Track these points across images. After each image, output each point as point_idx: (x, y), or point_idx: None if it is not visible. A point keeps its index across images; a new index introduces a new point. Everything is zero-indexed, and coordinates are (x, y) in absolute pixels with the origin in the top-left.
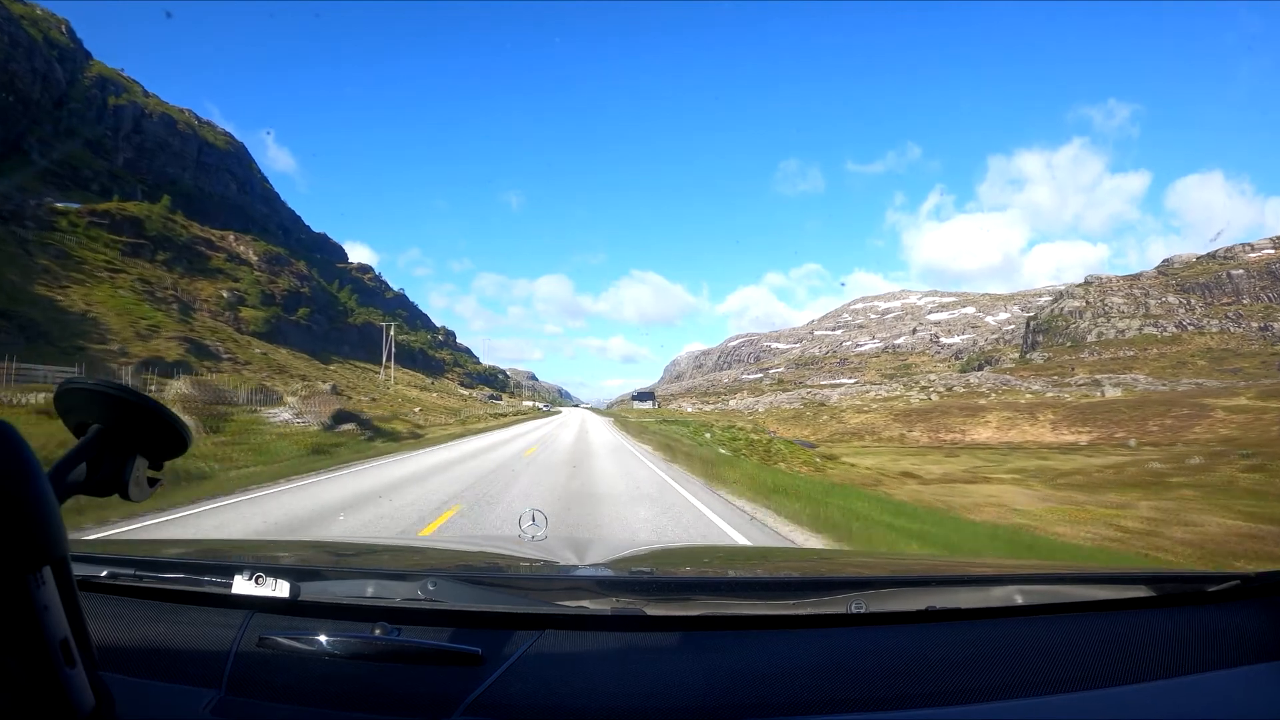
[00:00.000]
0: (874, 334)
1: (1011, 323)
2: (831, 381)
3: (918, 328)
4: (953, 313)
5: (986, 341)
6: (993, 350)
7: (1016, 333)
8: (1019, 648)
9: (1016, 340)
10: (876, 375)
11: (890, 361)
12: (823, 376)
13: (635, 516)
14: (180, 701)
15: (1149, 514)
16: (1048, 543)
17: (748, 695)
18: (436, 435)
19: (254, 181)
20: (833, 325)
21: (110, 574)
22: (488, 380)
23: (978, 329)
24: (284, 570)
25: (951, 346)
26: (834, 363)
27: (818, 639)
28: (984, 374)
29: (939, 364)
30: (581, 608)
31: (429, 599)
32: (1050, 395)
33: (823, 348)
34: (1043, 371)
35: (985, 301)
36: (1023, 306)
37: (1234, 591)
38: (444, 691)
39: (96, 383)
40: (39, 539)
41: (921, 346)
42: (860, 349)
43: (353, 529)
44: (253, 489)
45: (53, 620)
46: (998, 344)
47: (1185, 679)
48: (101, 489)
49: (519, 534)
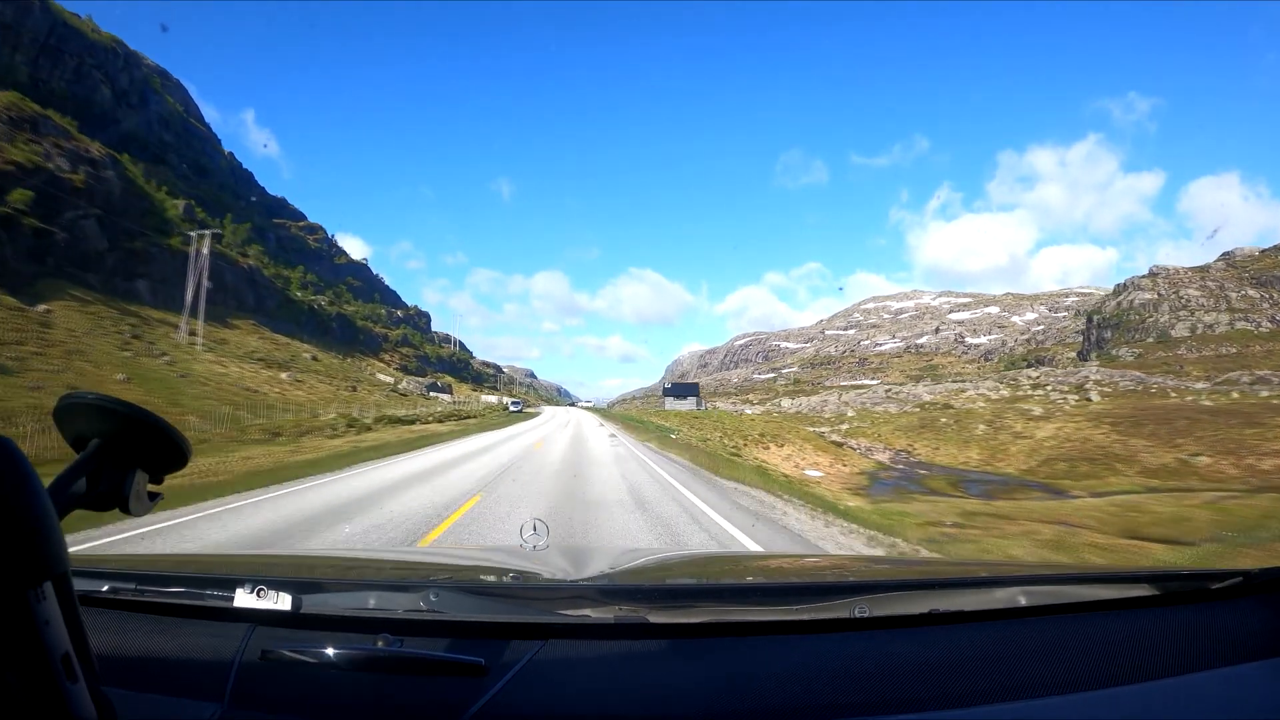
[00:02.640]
0: (893, 334)
1: (1040, 323)
2: (854, 382)
3: (940, 327)
4: (975, 312)
5: (1016, 342)
6: (1035, 350)
7: (1049, 333)
8: (1023, 649)
9: (1051, 340)
10: (901, 376)
11: (914, 362)
12: (842, 376)
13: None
14: (183, 715)
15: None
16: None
17: (752, 702)
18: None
19: (151, 98)
20: (844, 325)
21: (111, 588)
22: (453, 368)
23: (1005, 329)
24: (286, 583)
25: (978, 347)
26: (853, 362)
27: (821, 644)
28: (1091, 370)
29: (967, 365)
30: (584, 617)
31: (431, 610)
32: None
33: (838, 347)
34: (1148, 369)
35: (1009, 301)
36: (1050, 306)
37: (1237, 589)
38: (447, 702)
39: (96, 397)
40: (40, 554)
41: (946, 347)
42: (880, 348)
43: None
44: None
45: (54, 635)
46: (1029, 344)
47: (1191, 677)
48: (102, 503)
49: (520, 544)
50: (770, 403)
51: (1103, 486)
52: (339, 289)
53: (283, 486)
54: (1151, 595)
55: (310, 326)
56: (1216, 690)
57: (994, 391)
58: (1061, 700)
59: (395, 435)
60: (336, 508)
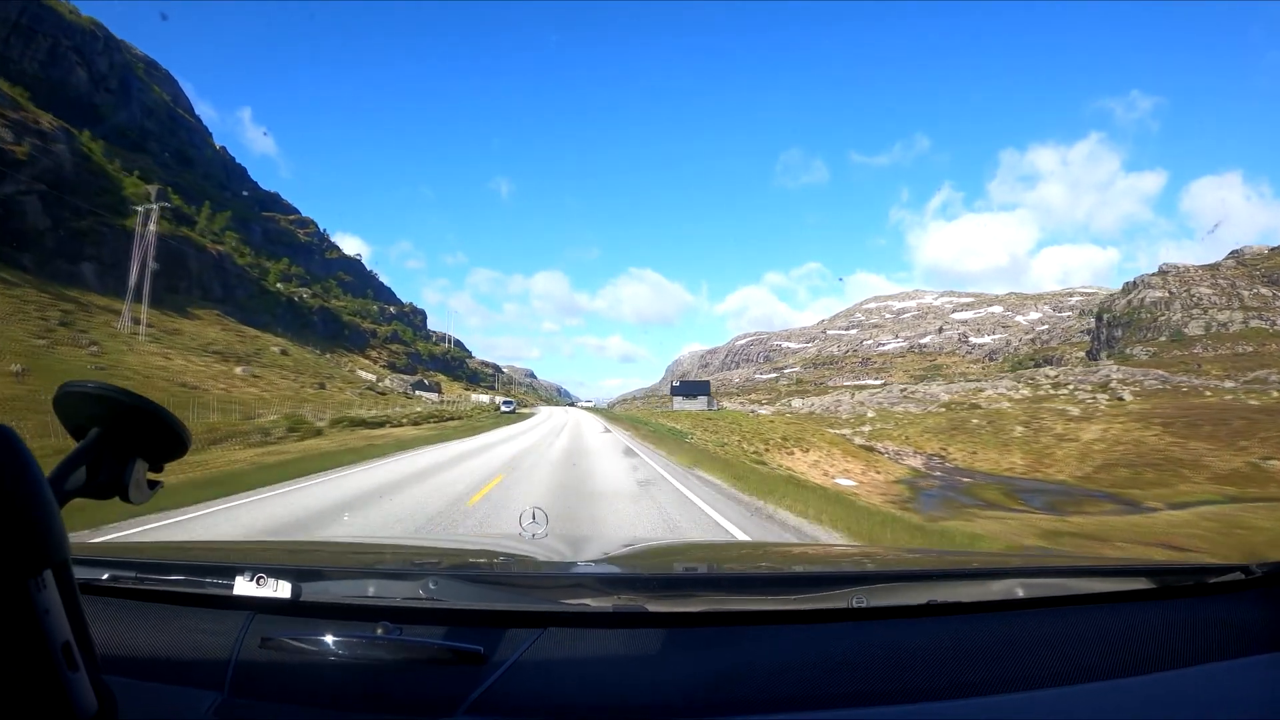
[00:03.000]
0: (896, 333)
1: (1044, 322)
2: (858, 382)
3: (944, 327)
4: (979, 312)
5: (1020, 341)
6: (1042, 349)
7: (1054, 332)
8: (1021, 641)
9: (1057, 340)
10: (905, 375)
11: (917, 362)
12: (845, 376)
13: None
14: (183, 703)
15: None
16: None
17: (750, 691)
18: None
19: (134, 85)
20: (846, 325)
21: (112, 577)
22: (446, 366)
23: (1008, 328)
24: (285, 571)
25: (982, 347)
26: (855, 362)
27: (820, 634)
28: (1111, 369)
29: (971, 364)
30: (583, 605)
31: (430, 598)
32: (1272, 396)
33: (840, 347)
34: (1165, 367)
35: (1012, 301)
36: (1054, 306)
37: (1237, 583)
38: (446, 690)
39: (96, 386)
40: (40, 543)
41: (950, 346)
42: (883, 348)
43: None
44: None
45: (54, 623)
46: (1034, 343)
47: (1187, 670)
48: (102, 492)
49: (520, 532)
50: (779, 403)
51: (1177, 496)
52: (328, 283)
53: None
54: (1150, 589)
55: (288, 319)
56: (1216, 684)
57: (1013, 391)
58: (1060, 692)
59: (337, 443)
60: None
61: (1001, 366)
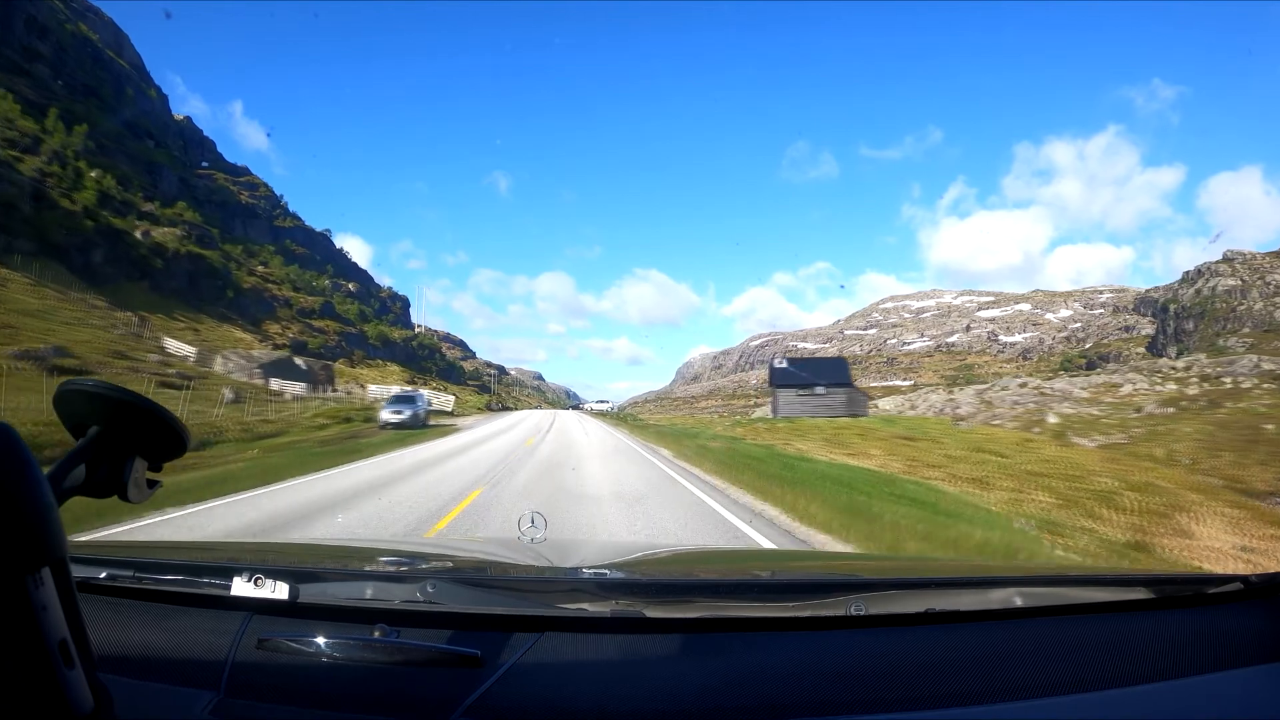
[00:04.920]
0: (921, 332)
1: (1076, 319)
2: (884, 383)
3: (971, 325)
4: (1005, 310)
5: (1054, 339)
6: (1095, 346)
7: (1089, 329)
8: (1019, 650)
9: (1093, 337)
10: (934, 375)
11: (946, 361)
12: (871, 377)
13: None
14: (179, 703)
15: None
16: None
17: (747, 697)
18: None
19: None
20: (863, 324)
21: (109, 575)
22: (411, 356)
23: (1039, 326)
24: (283, 572)
25: (1014, 345)
26: (880, 362)
27: (817, 641)
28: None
29: (1005, 363)
30: (581, 610)
31: (428, 601)
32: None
33: (862, 346)
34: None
35: (1040, 298)
36: (1084, 303)
37: (1235, 594)
38: (443, 694)
39: (95, 384)
40: (38, 540)
41: (979, 345)
42: (908, 348)
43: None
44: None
45: (51, 621)
46: (1068, 341)
47: (1185, 681)
48: (100, 490)
49: (518, 536)
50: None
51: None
52: (258, 248)
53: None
54: (1148, 599)
55: (123, 269)
56: (1213, 694)
57: (1152, 387)
58: (1057, 702)
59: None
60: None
61: (1037, 365)
